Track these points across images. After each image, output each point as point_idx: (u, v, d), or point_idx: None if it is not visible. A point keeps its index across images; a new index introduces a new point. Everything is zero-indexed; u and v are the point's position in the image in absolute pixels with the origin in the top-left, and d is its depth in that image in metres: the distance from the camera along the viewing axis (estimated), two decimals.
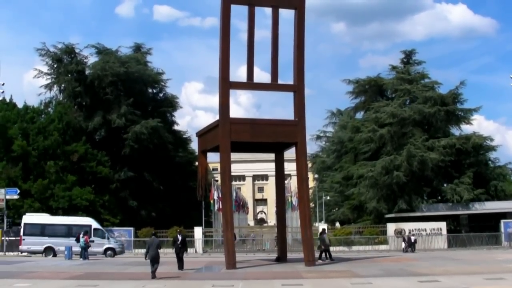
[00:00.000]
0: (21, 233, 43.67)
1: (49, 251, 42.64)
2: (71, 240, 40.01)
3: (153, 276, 22.20)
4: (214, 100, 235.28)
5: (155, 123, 62.85)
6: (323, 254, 31.62)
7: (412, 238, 46.50)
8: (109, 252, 43.34)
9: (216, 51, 26.73)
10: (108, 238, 44.47)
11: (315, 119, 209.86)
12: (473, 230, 53.05)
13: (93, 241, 40.54)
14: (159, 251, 23.09)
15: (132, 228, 53.18)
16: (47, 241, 43.00)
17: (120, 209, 58.46)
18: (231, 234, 26.69)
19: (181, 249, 26.09)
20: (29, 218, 44.66)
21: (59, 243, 41.53)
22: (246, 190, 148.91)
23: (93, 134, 64.16)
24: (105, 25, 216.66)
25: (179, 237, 26.42)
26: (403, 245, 46.13)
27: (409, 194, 57.69)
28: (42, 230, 43.85)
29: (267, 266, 28.08)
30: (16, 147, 52.75)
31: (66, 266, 30.47)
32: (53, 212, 51.82)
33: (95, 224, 44.46)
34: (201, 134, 30.36)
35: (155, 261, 22.51)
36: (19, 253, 44.37)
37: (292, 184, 69.84)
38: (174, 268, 25.46)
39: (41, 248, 42.73)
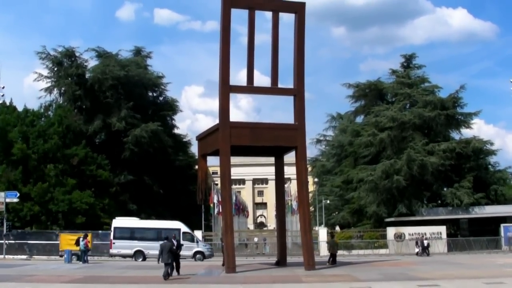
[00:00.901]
0: (111, 237, 43.62)
1: (139, 254, 42.76)
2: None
3: (166, 278, 22.75)
4: (214, 104, 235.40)
5: (155, 126, 62.90)
6: (331, 258, 31.76)
7: (425, 242, 46.31)
8: (198, 255, 43.04)
9: (216, 55, 26.80)
10: (197, 242, 44.19)
11: (315, 123, 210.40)
12: (473, 234, 53.00)
13: (182, 245, 40.64)
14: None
15: None
16: (136, 245, 43.07)
17: (120, 212, 58.29)
18: (231, 238, 26.65)
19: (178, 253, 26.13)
20: (119, 222, 44.96)
21: (149, 247, 41.38)
22: (246, 194, 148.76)
23: (93, 137, 64.20)
24: (106, 29, 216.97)
25: (175, 242, 26.41)
26: (417, 249, 45.91)
27: (409, 198, 57.67)
28: (131, 233, 43.90)
29: (267, 270, 28.06)
30: (16, 150, 52.76)
31: (65, 269, 30.46)
32: (53, 216, 51.88)
33: (184, 228, 44.26)
34: (201, 138, 30.37)
35: (168, 264, 23.04)
36: (109, 256, 44.54)
37: (292, 188, 69.77)
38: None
39: (131, 251, 42.82)
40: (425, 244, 45.74)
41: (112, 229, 44.08)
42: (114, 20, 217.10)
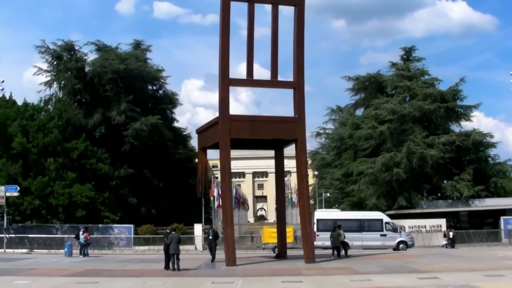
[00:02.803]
0: (315, 229, 43.06)
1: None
2: (364, 235, 41.40)
3: (176, 269, 23.89)
4: (214, 97, 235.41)
5: (155, 120, 62.82)
6: (335, 251, 31.79)
7: (451, 234, 46.29)
8: (401, 245, 42.64)
9: (216, 48, 26.79)
10: (399, 232, 43.92)
11: (315, 116, 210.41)
12: (473, 227, 53.06)
13: (385, 235, 40.54)
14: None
15: (132, 225, 53.12)
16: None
17: (120, 206, 58.40)
18: (231, 231, 26.70)
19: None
20: (321, 214, 45.06)
21: (352, 238, 40.51)
22: (246, 187, 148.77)
23: (93, 131, 64.10)
24: (105, 22, 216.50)
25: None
26: (444, 241, 45.91)
27: (408, 191, 57.71)
28: (334, 225, 43.94)
29: (267, 263, 28.13)
30: (15, 144, 52.70)
31: (66, 263, 30.54)
32: (53, 209, 51.85)
33: (386, 218, 44.14)
34: (201, 131, 30.38)
35: (177, 255, 24.05)
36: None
37: (292, 181, 69.68)
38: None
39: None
40: (451, 236, 45.79)
41: (315, 221, 43.53)
42: (114, 13, 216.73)
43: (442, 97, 61.15)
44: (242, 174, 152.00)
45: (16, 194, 48.20)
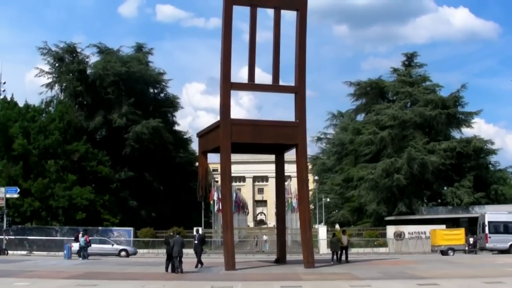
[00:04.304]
0: (486, 231, 43.20)
1: None
2: None
3: (179, 271, 24.18)
4: (215, 101, 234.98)
5: (156, 123, 62.89)
6: (335, 255, 31.76)
7: (471, 239, 46.32)
8: None
9: (218, 52, 26.68)
10: None
11: (316, 121, 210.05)
12: (473, 234, 52.91)
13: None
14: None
15: (131, 228, 53.17)
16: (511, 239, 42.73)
17: (120, 209, 58.46)
18: (231, 235, 26.62)
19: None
20: (492, 216, 44.62)
21: None
22: (246, 191, 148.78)
23: (94, 133, 64.19)
24: (108, 25, 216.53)
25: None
26: (467, 247, 46.01)
27: (409, 197, 57.72)
28: (505, 228, 43.44)
29: (266, 268, 28.05)
30: (16, 146, 52.75)
31: (65, 265, 30.47)
32: (53, 212, 51.86)
33: None
34: (202, 135, 30.33)
35: (180, 258, 24.37)
36: (484, 251, 44.36)
37: (292, 185, 69.69)
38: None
39: (506, 245, 42.29)
40: (471, 242, 45.85)
41: (487, 223, 43.51)
42: (116, 16, 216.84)
43: (444, 103, 61.21)
44: (242, 178, 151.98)
45: (16, 195, 48.19)
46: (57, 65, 65.73)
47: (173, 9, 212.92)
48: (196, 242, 28.87)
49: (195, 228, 41.65)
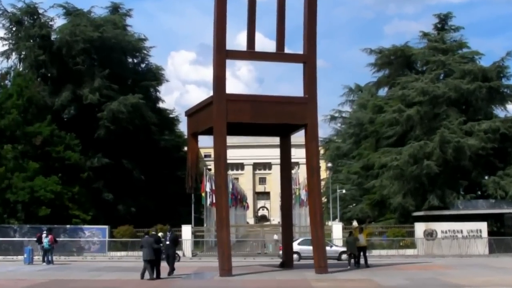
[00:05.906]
0: None
1: None
2: None
3: (154, 277, 24.50)
4: (208, 73, 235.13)
5: (135, 99, 62.80)
6: (352, 259, 31.95)
7: None
8: None
9: (211, 14, 26.55)
10: None
11: (329, 97, 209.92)
12: None
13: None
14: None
15: (106, 227, 53.23)
16: None
17: (93, 203, 58.45)
18: (227, 233, 26.66)
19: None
20: None
21: None
22: (245, 181, 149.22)
23: (61, 112, 64.12)
24: None
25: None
26: None
27: (442, 188, 57.75)
28: None
29: (270, 273, 28.14)
30: None
31: (26, 272, 30.56)
32: (10, 207, 51.84)
33: None
34: (191, 114, 30.32)
35: (149, 261, 24.64)
36: None
37: (300, 174, 69.85)
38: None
39: None
40: None
41: None
42: None
43: (484, 74, 61.02)
44: (240, 166, 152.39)
45: None
46: (14, 29, 65.53)
47: None
48: (167, 243, 28.10)
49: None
